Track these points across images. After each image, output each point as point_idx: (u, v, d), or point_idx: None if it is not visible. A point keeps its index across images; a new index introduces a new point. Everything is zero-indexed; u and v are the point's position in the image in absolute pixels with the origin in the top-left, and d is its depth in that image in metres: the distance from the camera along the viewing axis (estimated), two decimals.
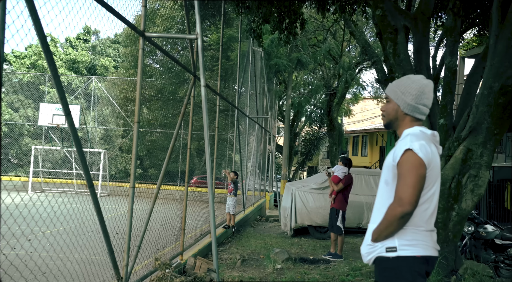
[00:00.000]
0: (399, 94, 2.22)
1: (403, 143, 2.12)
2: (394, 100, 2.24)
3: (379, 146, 31.17)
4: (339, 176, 7.73)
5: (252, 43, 13.27)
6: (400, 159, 2.08)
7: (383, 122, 2.33)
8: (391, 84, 2.30)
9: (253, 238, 9.82)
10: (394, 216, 2.03)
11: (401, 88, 2.23)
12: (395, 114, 2.25)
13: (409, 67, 6.01)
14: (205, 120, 4.38)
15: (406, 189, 2.02)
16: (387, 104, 2.29)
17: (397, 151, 2.13)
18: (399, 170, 2.08)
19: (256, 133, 14.83)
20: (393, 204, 2.06)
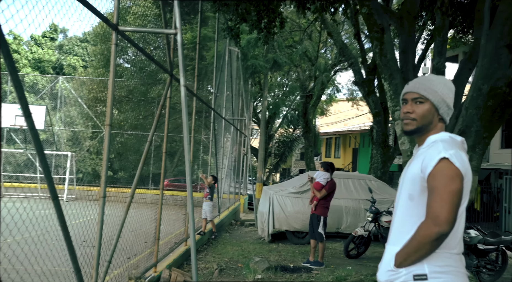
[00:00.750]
0: (439, 95, 1.93)
1: (435, 150, 1.81)
2: (433, 101, 1.92)
3: (352, 148, 31.32)
4: (322, 182, 7.45)
5: (228, 43, 12.91)
6: (433, 170, 1.77)
7: (410, 127, 1.96)
8: (424, 83, 1.95)
9: (229, 244, 9.45)
10: (428, 237, 1.72)
11: (439, 88, 1.93)
12: (431, 118, 1.94)
13: (396, 67, 5.80)
14: (185, 123, 4.00)
15: (443, 205, 1.71)
16: (420, 106, 1.93)
17: (427, 160, 1.81)
18: (432, 182, 1.77)
19: (231, 136, 14.47)
20: (426, 222, 1.75)
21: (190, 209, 5.31)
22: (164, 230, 8.34)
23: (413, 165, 1.90)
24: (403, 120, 1.98)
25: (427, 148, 1.89)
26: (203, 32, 17.41)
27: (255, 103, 24.60)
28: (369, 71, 12.67)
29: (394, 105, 5.68)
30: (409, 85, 1.98)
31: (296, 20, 18.21)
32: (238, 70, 15.20)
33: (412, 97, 1.95)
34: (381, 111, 12.45)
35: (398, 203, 1.96)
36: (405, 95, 1.99)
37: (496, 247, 6.85)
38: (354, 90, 23.49)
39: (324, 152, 35.60)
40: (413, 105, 1.95)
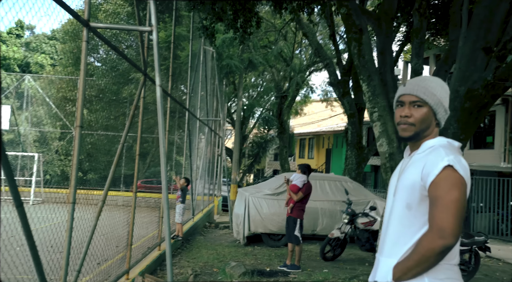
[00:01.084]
0: (438, 99, 1.82)
1: (437, 157, 1.70)
2: (432, 105, 1.81)
3: (326, 149, 31.53)
4: (298, 184, 7.35)
5: (203, 42, 12.70)
6: (437, 178, 1.66)
7: (408, 133, 1.84)
8: (422, 86, 1.83)
9: (204, 248, 9.25)
10: (432, 251, 1.61)
11: (437, 91, 1.83)
12: (429, 122, 1.83)
13: (374, 69, 5.76)
14: (161, 123, 3.82)
15: (448, 216, 1.61)
16: (418, 110, 1.81)
17: (429, 167, 1.69)
18: (436, 191, 1.66)
19: (205, 136, 14.25)
20: (430, 235, 1.64)
21: (165, 212, 5.12)
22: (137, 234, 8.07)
23: (410, 171, 1.78)
24: (400, 125, 1.85)
25: (425, 153, 1.78)
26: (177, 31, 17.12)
27: (230, 104, 24.42)
28: (344, 72, 12.70)
29: (372, 107, 5.64)
30: (406, 87, 1.86)
31: (271, 21, 18.15)
32: (213, 70, 15.01)
33: (410, 100, 1.83)
34: (355, 112, 12.50)
35: (392, 211, 1.84)
36: (401, 98, 1.87)
37: (470, 248, 6.92)
38: (328, 91, 23.62)
39: (297, 153, 35.71)
40: (411, 109, 1.83)
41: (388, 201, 1.93)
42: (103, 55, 21.84)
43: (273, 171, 38.75)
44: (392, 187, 1.92)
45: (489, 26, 5.17)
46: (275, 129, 26.41)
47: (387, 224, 1.86)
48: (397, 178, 1.90)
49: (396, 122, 1.89)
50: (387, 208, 1.92)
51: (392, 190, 1.91)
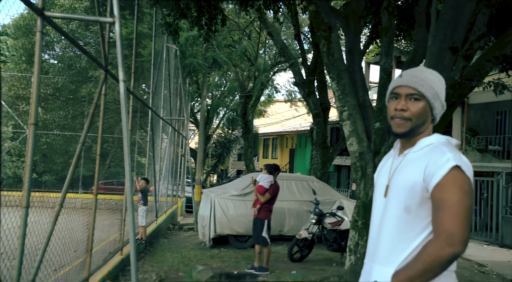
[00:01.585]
0: (436, 92, 1.69)
1: (440, 156, 1.56)
2: (429, 99, 1.68)
3: (289, 149, 31.67)
4: (265, 185, 7.20)
5: (166, 40, 12.36)
6: (443, 179, 1.52)
7: (403, 129, 1.69)
8: (420, 77, 1.69)
9: (168, 251, 8.95)
10: (440, 259, 1.47)
11: (436, 84, 1.70)
12: (425, 118, 1.70)
13: (343, 67, 5.70)
14: (125, 122, 3.56)
15: (457, 221, 1.47)
16: (415, 103, 1.67)
17: (432, 167, 1.56)
18: (442, 194, 1.52)
19: (169, 136, 13.89)
20: (438, 242, 1.50)
21: (129, 214, 4.85)
22: (97, 237, 7.68)
23: (409, 171, 1.64)
24: (394, 120, 1.70)
25: (423, 152, 1.65)
26: (138, 29, 16.64)
27: (193, 103, 24.04)
28: (309, 72, 12.70)
29: (342, 106, 5.58)
30: (402, 78, 1.72)
31: (235, 20, 17.97)
32: (176, 69, 14.66)
33: (407, 92, 1.69)
34: (320, 112, 12.51)
35: (384, 215, 1.69)
36: (396, 89, 1.73)
37: None
38: (292, 91, 23.68)
39: (261, 153, 35.72)
40: (408, 102, 1.69)
41: (377, 203, 1.78)
42: (59, 52, 20.94)
43: (237, 171, 38.59)
44: (381, 188, 1.78)
45: (456, 26, 5.21)
46: (239, 129, 26.24)
47: (379, 228, 1.72)
48: (387, 178, 1.75)
49: (390, 116, 1.73)
50: (377, 210, 1.77)
51: (382, 191, 1.76)
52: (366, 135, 5.46)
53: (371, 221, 1.81)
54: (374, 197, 1.83)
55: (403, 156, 1.73)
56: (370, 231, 1.80)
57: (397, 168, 1.72)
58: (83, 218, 6.23)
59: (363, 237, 5.13)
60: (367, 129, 5.51)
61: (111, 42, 5.94)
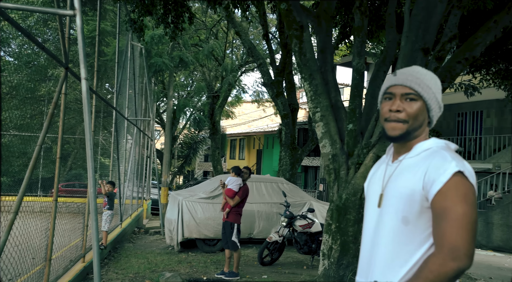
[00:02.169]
0: (433, 92, 1.56)
1: (442, 161, 1.43)
2: (426, 99, 1.55)
3: (256, 149, 31.59)
4: (234, 188, 7.01)
5: (131, 38, 11.95)
6: (444, 186, 1.38)
7: (398, 132, 1.55)
8: (416, 76, 1.56)
9: (134, 256, 8.62)
10: (444, 275, 1.32)
11: (432, 83, 1.57)
12: (422, 120, 1.57)
13: (315, 67, 5.60)
14: (88, 122, 3.30)
15: (462, 233, 1.33)
16: (411, 104, 1.54)
17: (432, 174, 1.41)
18: (444, 202, 1.38)
19: (134, 137, 13.47)
20: (440, 256, 1.35)
21: (93, 219, 4.55)
22: (57, 243, 7.27)
23: (406, 178, 1.50)
24: (388, 122, 1.56)
25: (421, 157, 1.51)
26: (101, 26, 16.07)
27: (158, 103, 23.53)
28: (278, 72, 12.60)
29: (315, 107, 5.47)
30: (397, 77, 1.59)
31: (201, 19, 17.69)
32: (141, 68, 14.24)
33: (402, 92, 1.56)
34: (289, 113, 12.44)
35: (379, 226, 1.55)
36: (390, 89, 1.59)
37: None
38: (260, 91, 23.58)
39: (228, 154, 35.47)
40: (403, 102, 1.55)
41: (369, 214, 1.63)
42: (15, 49, 19.98)
43: (204, 172, 38.18)
44: (373, 197, 1.64)
45: (427, 27, 5.20)
46: (206, 130, 25.89)
47: (373, 242, 1.57)
48: (380, 186, 1.61)
49: (383, 118, 1.59)
50: (369, 222, 1.62)
51: (375, 201, 1.62)
52: (339, 137, 5.37)
53: (363, 233, 1.66)
54: (366, 207, 1.68)
55: (398, 162, 1.60)
56: (362, 244, 1.66)
57: (392, 175, 1.58)
58: (42, 223, 5.86)
59: (337, 241, 5.03)
60: (340, 131, 5.43)
61: (72, 40, 5.61)
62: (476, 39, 5.31)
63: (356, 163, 5.15)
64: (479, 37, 5.31)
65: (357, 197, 5.05)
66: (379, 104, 1.66)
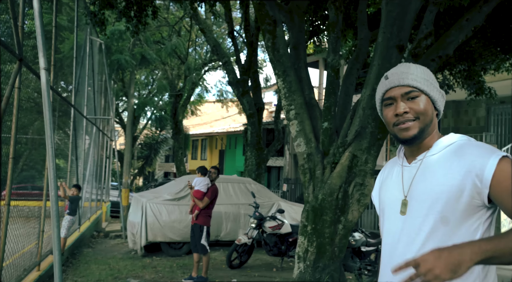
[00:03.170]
0: (431, 83, 1.46)
1: (480, 149, 1.34)
2: (429, 92, 1.45)
3: (219, 150, 31.24)
4: (202, 189, 6.72)
5: (89, 32, 11.38)
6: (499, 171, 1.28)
7: (414, 132, 1.43)
8: (409, 72, 1.46)
9: (94, 262, 8.15)
10: None
11: (426, 75, 1.47)
12: (432, 114, 1.46)
13: (289, 64, 5.42)
14: (48, 118, 2.94)
15: None
16: (416, 101, 1.44)
17: (476, 163, 1.31)
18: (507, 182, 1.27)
19: (93, 137, 12.86)
20: None
21: (54, 225, 4.17)
22: (8, 250, 6.71)
23: (440, 176, 1.37)
24: (398, 126, 1.44)
25: (450, 152, 1.40)
26: (57, 21, 15.27)
27: (117, 102, 22.73)
28: (243, 71, 12.37)
29: (289, 104, 5.29)
30: (390, 79, 1.47)
31: (164, 15, 17.19)
32: (101, 65, 13.62)
33: (401, 92, 1.44)
34: (255, 112, 12.25)
35: (410, 234, 1.39)
36: (388, 93, 1.47)
37: (376, 248, 6.98)
38: (224, 91, 23.27)
39: (190, 154, 34.89)
40: (406, 102, 1.44)
41: (392, 223, 1.47)
42: None
43: (164, 173, 37.41)
44: (393, 205, 1.47)
45: (402, 24, 5.14)
46: (168, 129, 25.28)
47: (404, 253, 1.39)
48: (401, 191, 1.45)
49: (391, 125, 1.46)
50: (393, 232, 1.46)
51: (396, 208, 1.45)
52: (314, 135, 5.21)
53: (385, 247, 1.49)
54: (385, 216, 1.52)
55: (419, 162, 1.46)
56: (386, 258, 1.48)
57: (415, 176, 1.43)
58: None
59: (313, 243, 4.87)
60: (314, 130, 5.27)
61: (26, 33, 5.15)
62: (448, 37, 5.30)
63: (332, 162, 5.01)
64: (451, 35, 5.30)
65: (333, 197, 4.90)
66: (380, 113, 1.54)
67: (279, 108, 14.41)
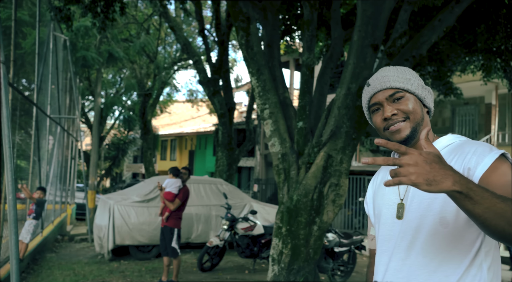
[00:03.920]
0: (414, 81, 1.41)
1: (479, 147, 1.27)
2: (414, 91, 1.39)
3: (188, 150, 30.86)
4: (173, 191, 6.51)
5: (53, 28, 10.92)
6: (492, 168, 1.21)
7: (406, 132, 1.36)
8: (389, 75, 1.40)
9: (57, 268, 7.79)
10: None
11: (407, 74, 1.42)
12: (421, 112, 1.40)
13: (263, 62, 5.30)
14: (5, 115, 2.70)
15: None
16: (402, 101, 1.38)
17: (472, 160, 1.24)
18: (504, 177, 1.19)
19: (57, 138, 12.36)
20: None
21: (12, 230, 3.88)
22: None
23: None
24: (389, 129, 1.38)
25: (448, 152, 1.34)
26: (17, 15, 14.61)
27: (84, 102, 22.04)
28: (214, 70, 12.19)
29: (263, 103, 5.17)
30: (371, 86, 1.43)
31: (132, 13, 16.77)
32: (65, 62, 13.12)
33: (385, 96, 1.39)
34: (226, 112, 12.09)
35: (408, 240, 1.29)
36: (373, 100, 1.42)
37: (349, 248, 6.96)
38: (194, 90, 22.94)
39: (159, 155, 34.31)
40: (393, 105, 1.38)
41: (387, 228, 1.37)
42: None
43: (133, 174, 36.67)
44: (389, 209, 1.37)
45: (376, 23, 5.11)
46: (137, 129, 24.72)
47: (403, 259, 1.29)
48: (397, 195, 1.36)
49: (381, 129, 1.40)
50: (389, 237, 1.35)
51: (392, 212, 1.36)
52: (289, 135, 5.11)
53: (380, 254, 1.39)
54: (380, 223, 1.42)
55: None
56: (382, 267, 1.37)
57: None
58: None
59: (288, 245, 4.76)
60: (289, 129, 5.17)
61: None
62: (422, 37, 5.30)
63: (307, 162, 4.92)
64: (424, 35, 5.31)
65: (308, 198, 4.81)
66: (369, 121, 1.49)
67: (251, 108, 14.30)
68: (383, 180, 1.46)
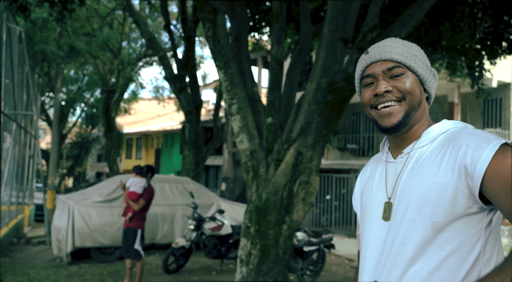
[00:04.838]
0: (420, 59, 1.20)
1: (475, 137, 1.06)
2: (416, 69, 1.18)
3: (155, 148, 30.26)
4: (138, 191, 6.21)
5: (6, 18, 10.31)
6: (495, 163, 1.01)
7: (397, 118, 1.16)
8: (394, 46, 1.19)
9: (10, 273, 7.32)
10: None
11: (414, 50, 1.21)
12: (420, 96, 1.19)
13: (231, 55, 5.09)
14: None
15: None
16: (400, 79, 1.17)
17: (468, 154, 1.04)
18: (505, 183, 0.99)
19: (13, 135, 11.72)
20: None
21: None
22: None
23: (428, 172, 1.10)
24: (380, 110, 1.17)
25: (441, 142, 1.13)
26: None
27: (43, 98, 21.13)
28: (180, 66, 11.86)
29: (231, 98, 4.96)
30: (370, 54, 1.21)
31: (94, 6, 16.16)
32: (21, 56, 12.46)
33: (383, 68, 1.18)
34: (193, 109, 11.80)
35: (396, 244, 1.11)
36: (368, 70, 1.21)
37: (318, 248, 6.86)
38: (160, 87, 22.43)
39: (124, 153, 33.48)
40: (389, 81, 1.17)
41: (373, 230, 1.19)
42: None
43: (97, 173, 35.67)
44: (376, 208, 1.19)
45: (346, 16, 5.00)
46: (100, 127, 23.97)
47: (392, 267, 1.11)
48: (384, 192, 1.18)
49: (369, 106, 1.20)
50: (374, 241, 1.18)
51: (378, 212, 1.18)
52: (258, 131, 4.93)
53: (364, 260, 1.20)
54: (366, 222, 1.23)
55: (405, 156, 1.19)
56: (365, 276, 1.18)
57: (400, 174, 1.16)
58: None
59: (256, 246, 4.58)
60: (258, 125, 4.99)
61: None
62: (392, 31, 5.22)
63: (276, 159, 4.75)
64: (394, 30, 5.23)
65: (278, 197, 4.64)
66: (358, 94, 1.26)
67: (218, 106, 14.04)
68: (372, 175, 1.28)
